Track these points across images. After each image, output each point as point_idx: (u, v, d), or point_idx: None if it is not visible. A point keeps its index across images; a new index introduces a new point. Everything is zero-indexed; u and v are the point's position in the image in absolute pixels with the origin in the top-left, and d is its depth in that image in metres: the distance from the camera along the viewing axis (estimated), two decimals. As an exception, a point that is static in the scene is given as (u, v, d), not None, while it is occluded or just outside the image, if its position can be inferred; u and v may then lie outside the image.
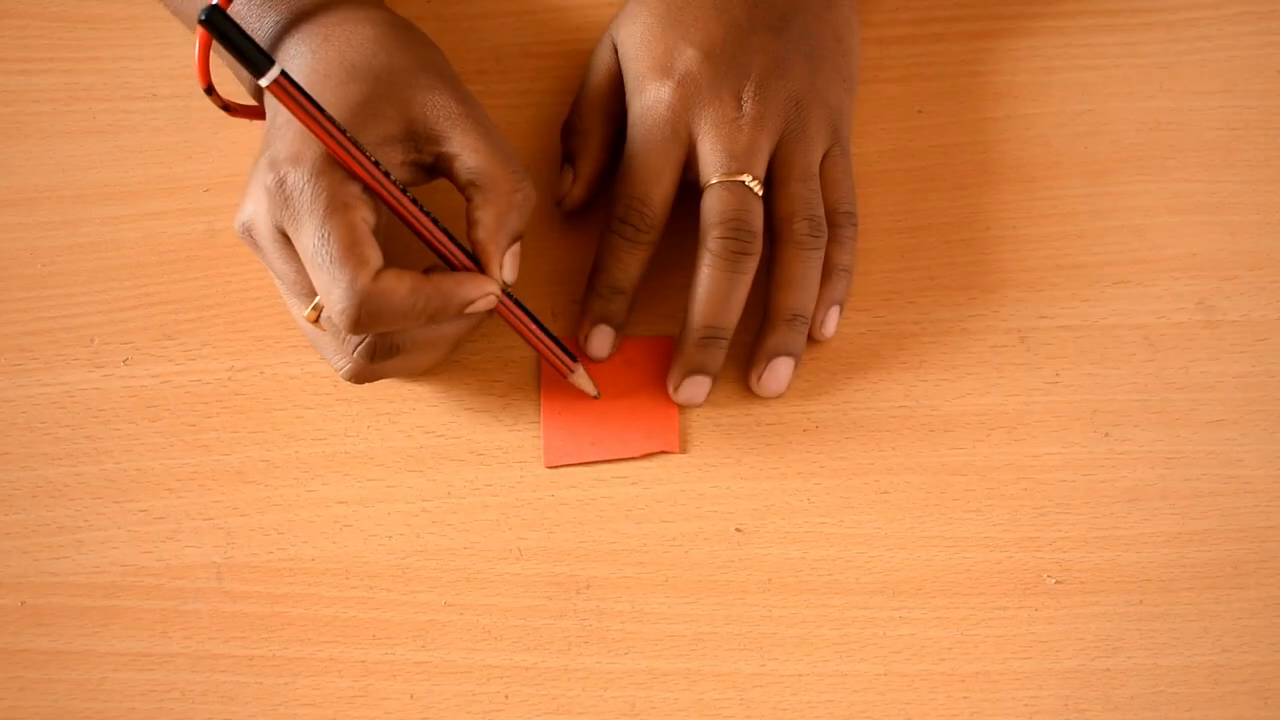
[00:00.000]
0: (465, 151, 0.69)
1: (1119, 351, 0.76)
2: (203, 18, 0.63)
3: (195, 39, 0.68)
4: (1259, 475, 0.74)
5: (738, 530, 0.73)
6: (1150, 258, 0.77)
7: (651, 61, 0.74)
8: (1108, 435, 0.74)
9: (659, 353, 0.76)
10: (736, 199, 0.72)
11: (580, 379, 0.74)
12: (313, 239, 0.65)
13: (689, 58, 0.74)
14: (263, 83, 0.64)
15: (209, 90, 0.70)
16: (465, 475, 0.74)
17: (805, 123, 0.74)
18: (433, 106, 0.69)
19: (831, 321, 0.75)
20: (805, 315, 0.74)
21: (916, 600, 0.72)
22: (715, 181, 0.73)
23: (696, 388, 0.74)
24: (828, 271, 0.75)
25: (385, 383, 0.75)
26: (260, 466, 0.74)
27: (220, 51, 0.75)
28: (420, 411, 0.75)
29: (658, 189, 0.73)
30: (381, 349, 0.69)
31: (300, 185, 0.65)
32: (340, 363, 0.70)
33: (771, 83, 0.74)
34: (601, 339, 0.75)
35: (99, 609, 0.72)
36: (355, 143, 0.66)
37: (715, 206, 0.72)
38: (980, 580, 0.72)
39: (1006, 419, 0.75)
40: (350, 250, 0.65)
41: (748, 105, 0.73)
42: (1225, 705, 0.70)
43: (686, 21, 0.74)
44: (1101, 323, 0.76)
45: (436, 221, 0.69)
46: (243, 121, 0.74)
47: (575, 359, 0.74)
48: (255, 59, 0.64)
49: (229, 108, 0.72)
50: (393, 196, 0.67)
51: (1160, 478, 0.74)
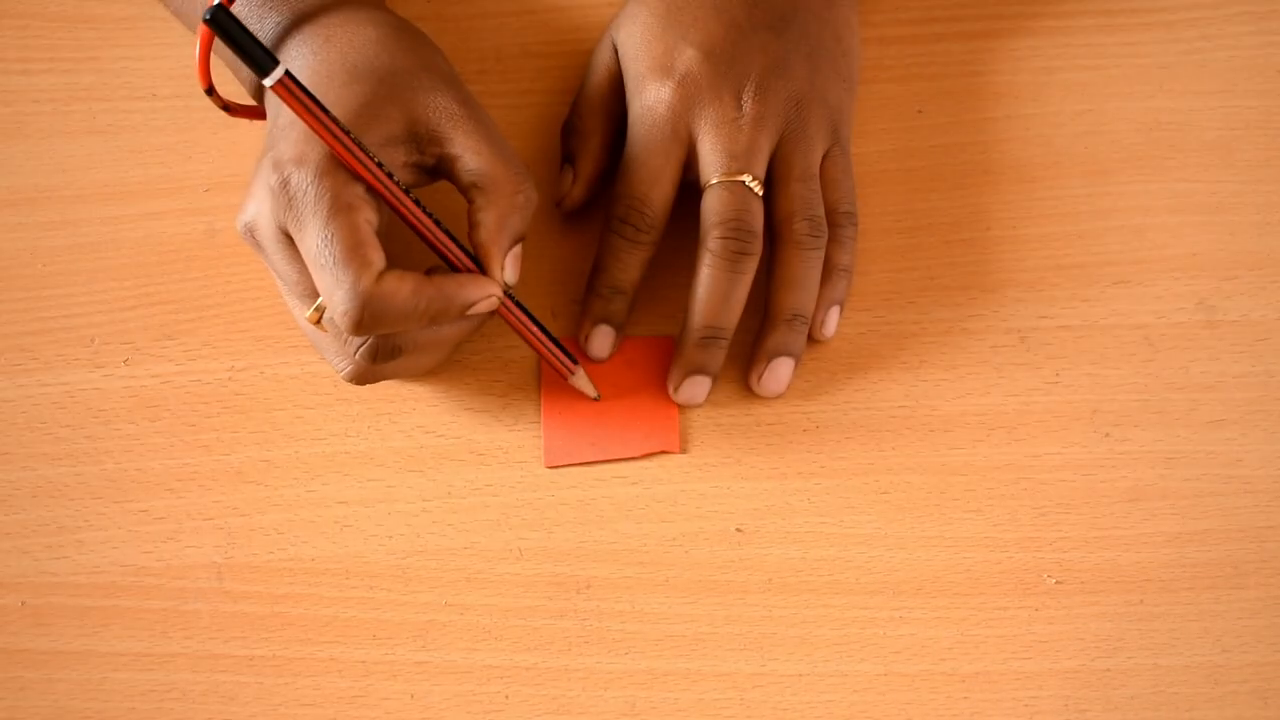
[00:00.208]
0: (467, 153, 0.69)
1: (1119, 351, 0.76)
2: (207, 17, 0.63)
3: (195, 40, 0.68)
4: (1259, 475, 0.74)
5: (738, 530, 0.73)
6: (1150, 258, 0.77)
7: (651, 61, 0.74)
8: (1108, 435, 0.74)
9: (659, 353, 0.76)
10: (736, 199, 0.72)
11: (580, 381, 0.74)
12: (316, 240, 0.65)
13: (689, 58, 0.73)
14: (267, 82, 0.64)
15: (209, 91, 0.70)
16: (465, 475, 0.74)
17: (805, 123, 0.74)
18: (435, 108, 0.69)
19: (832, 321, 0.75)
20: (805, 315, 0.74)
21: (917, 600, 0.72)
22: (715, 181, 0.73)
23: (696, 388, 0.74)
24: (828, 271, 0.75)
25: (385, 383, 0.75)
26: (260, 466, 0.74)
27: (221, 51, 0.75)
28: (420, 411, 0.75)
29: (658, 189, 0.73)
30: (383, 350, 0.69)
31: (304, 186, 0.65)
32: (341, 364, 0.70)
33: (771, 83, 0.74)
34: (602, 339, 0.75)
35: (99, 609, 0.72)
36: (359, 143, 0.66)
37: (715, 206, 0.72)
38: (980, 580, 0.72)
39: (1006, 419, 0.75)
40: (353, 251, 0.65)
41: (748, 105, 0.73)
42: (1225, 705, 0.70)
43: (686, 22, 0.74)
44: (1101, 323, 0.76)
45: (439, 223, 0.69)
46: (243, 121, 0.74)
47: (575, 361, 0.74)
48: (259, 59, 0.64)
49: (229, 108, 0.72)
50: (395, 198, 0.67)
51: (1160, 478, 0.74)
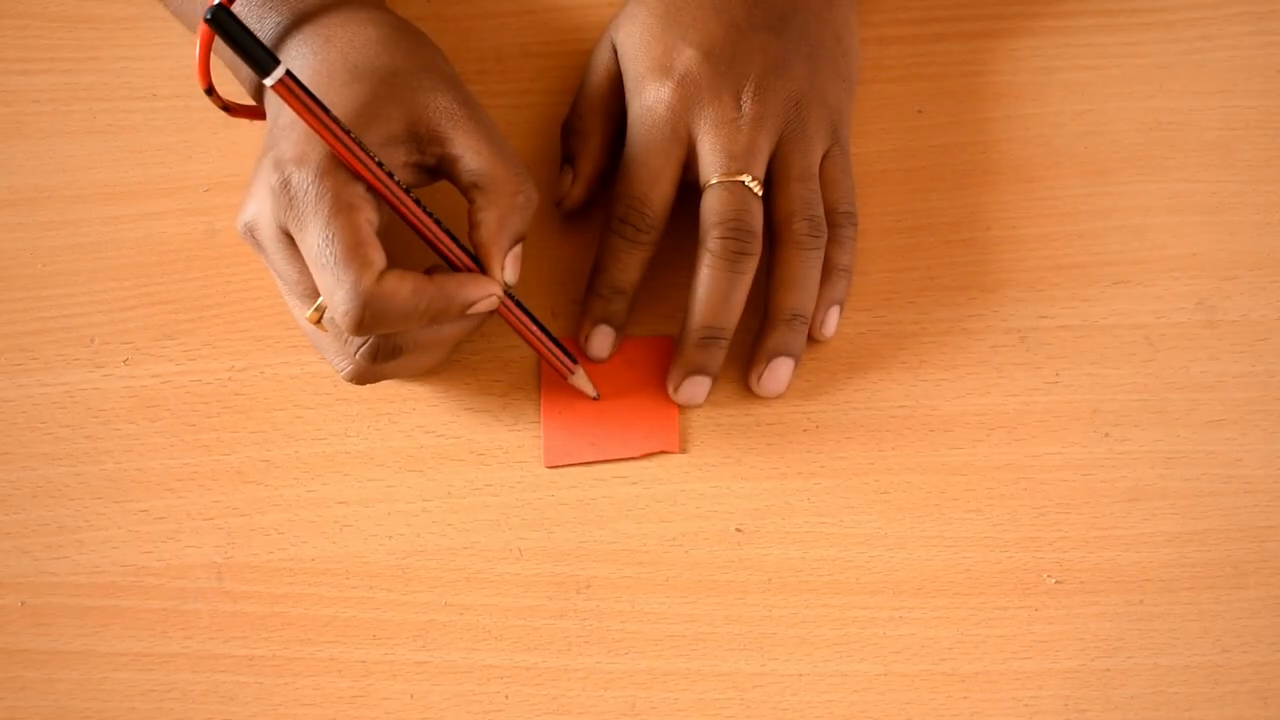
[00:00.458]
0: (468, 153, 0.69)
1: (1119, 351, 0.76)
2: (208, 16, 0.63)
3: (195, 39, 0.68)
4: (1259, 475, 0.74)
5: (738, 530, 0.73)
6: (1150, 258, 0.77)
7: (651, 62, 0.74)
8: (1108, 435, 0.74)
9: (659, 353, 0.76)
10: (736, 199, 0.72)
11: (580, 380, 0.74)
12: (317, 239, 0.65)
13: (688, 58, 0.73)
14: (268, 82, 0.64)
15: (209, 91, 0.70)
16: (465, 475, 0.74)
17: (804, 123, 0.74)
18: (435, 108, 0.69)
19: (831, 321, 0.75)
20: (805, 315, 0.74)
21: (917, 600, 0.72)
22: (715, 182, 0.73)
23: (696, 388, 0.74)
24: (827, 271, 0.75)
25: (385, 383, 0.75)
26: (260, 466, 0.74)
27: (221, 51, 0.75)
28: (420, 411, 0.75)
29: (658, 189, 0.73)
30: (384, 350, 0.69)
31: (305, 185, 0.65)
32: (342, 364, 0.70)
33: (771, 83, 0.74)
34: (602, 340, 0.75)
35: (99, 609, 0.72)
36: (359, 143, 0.66)
37: (714, 207, 0.72)
38: (980, 580, 0.72)
39: (1006, 419, 0.75)
40: (354, 251, 0.65)
41: (747, 105, 0.73)
42: (1225, 705, 0.70)
43: (685, 22, 0.74)
44: (1101, 323, 0.76)
45: (439, 222, 0.69)
46: (243, 121, 0.74)
47: (575, 361, 0.74)
48: (260, 58, 0.64)
49: (229, 108, 0.72)
50: (396, 197, 0.67)
51: (1160, 478, 0.74)
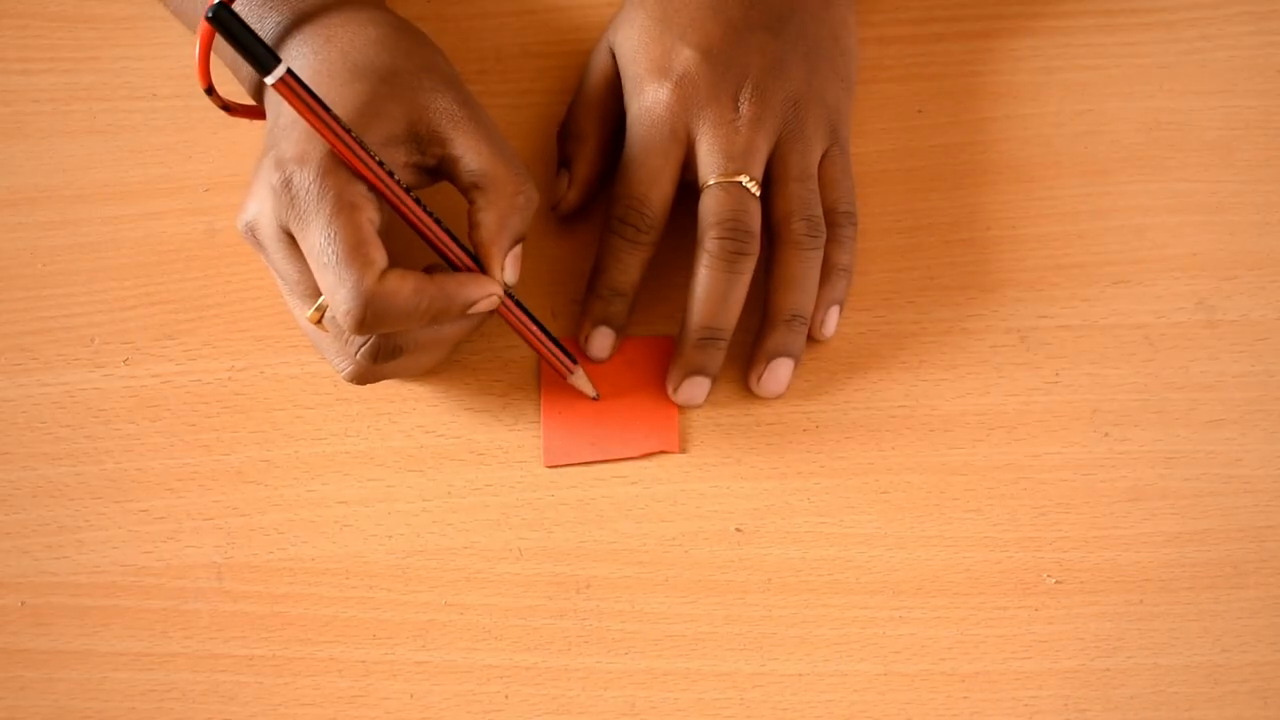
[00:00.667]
0: (468, 154, 0.69)
1: (1119, 351, 0.76)
2: (209, 15, 0.63)
3: (195, 39, 0.68)
4: (1259, 475, 0.74)
5: (738, 530, 0.73)
6: (1150, 258, 0.77)
7: (649, 63, 0.74)
8: (1108, 435, 0.74)
9: (659, 353, 0.76)
10: (734, 199, 0.72)
11: (579, 380, 0.74)
12: (319, 239, 0.65)
13: (686, 58, 0.73)
14: (269, 80, 0.64)
15: (209, 90, 0.70)
16: (465, 475, 0.74)
17: (803, 123, 0.74)
18: (436, 108, 0.69)
19: (831, 321, 0.75)
20: (804, 315, 0.74)
21: (916, 600, 0.72)
22: (713, 182, 0.73)
23: (696, 388, 0.74)
24: (827, 271, 0.75)
25: (385, 383, 0.75)
26: (260, 466, 0.74)
27: (221, 51, 0.75)
28: (420, 411, 0.75)
29: (657, 190, 0.73)
30: (384, 350, 0.69)
31: (306, 185, 0.65)
32: (342, 364, 0.70)
33: (769, 83, 0.74)
34: (602, 340, 0.75)
35: (99, 609, 0.72)
36: (361, 142, 0.66)
37: (712, 207, 0.72)
38: (980, 580, 0.72)
39: (1006, 419, 0.75)
40: (356, 250, 0.65)
41: (745, 106, 0.73)
42: (1225, 705, 0.70)
43: (683, 23, 0.74)
44: (1101, 322, 0.76)
45: (439, 222, 0.69)
46: (243, 121, 0.74)
47: (575, 361, 0.74)
48: (261, 56, 0.64)
49: (229, 108, 0.72)
50: (397, 197, 0.67)
51: (1160, 478, 0.74)
